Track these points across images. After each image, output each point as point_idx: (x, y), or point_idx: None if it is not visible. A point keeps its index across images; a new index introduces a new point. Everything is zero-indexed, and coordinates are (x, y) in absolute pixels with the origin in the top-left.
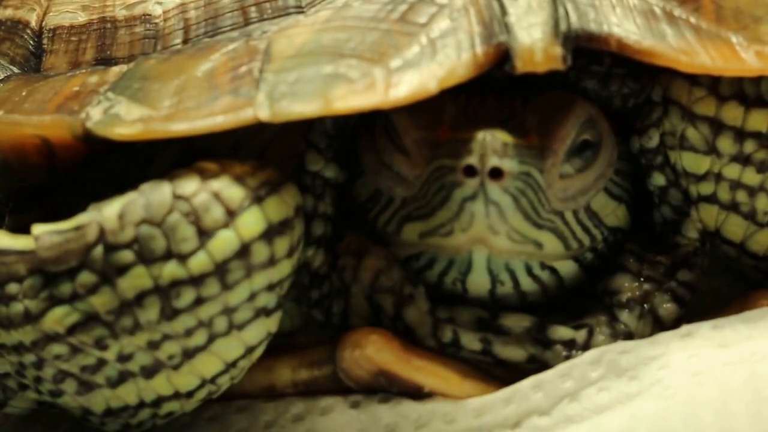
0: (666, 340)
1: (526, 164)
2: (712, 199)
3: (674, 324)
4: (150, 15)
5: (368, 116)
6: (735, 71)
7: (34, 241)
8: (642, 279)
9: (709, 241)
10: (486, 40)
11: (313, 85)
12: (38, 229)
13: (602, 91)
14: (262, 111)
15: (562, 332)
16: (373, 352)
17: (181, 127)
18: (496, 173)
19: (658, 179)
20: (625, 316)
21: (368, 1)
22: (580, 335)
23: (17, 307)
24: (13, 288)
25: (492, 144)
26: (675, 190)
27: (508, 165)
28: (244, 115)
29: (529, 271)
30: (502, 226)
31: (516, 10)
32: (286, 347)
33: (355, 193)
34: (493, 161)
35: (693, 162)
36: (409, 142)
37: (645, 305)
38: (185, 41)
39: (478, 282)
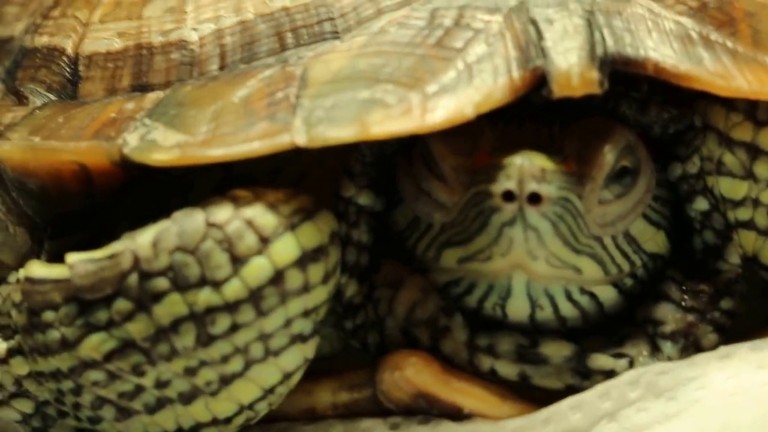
0: (704, 361)
1: (564, 190)
2: (750, 225)
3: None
4: (186, 41)
5: (407, 143)
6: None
7: (68, 269)
8: (686, 309)
9: (748, 267)
10: (522, 65)
11: (350, 110)
12: (73, 257)
13: (641, 118)
14: (298, 136)
15: (603, 362)
16: (413, 374)
17: (218, 152)
18: (535, 198)
19: (701, 204)
20: (669, 348)
21: (404, 27)
22: (621, 365)
23: (54, 335)
24: (49, 316)
25: (530, 169)
26: (717, 214)
27: (547, 190)
28: (281, 141)
29: (569, 296)
30: (541, 252)
31: (552, 34)
32: (325, 371)
33: (394, 220)
34: (532, 186)
35: (730, 187)
36: (446, 168)
37: (689, 337)
38: (221, 67)
39: (518, 307)
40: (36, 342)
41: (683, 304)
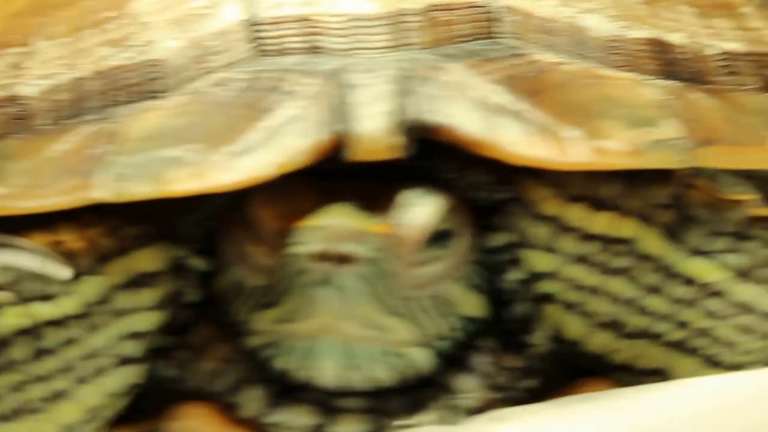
0: (477, 424)
1: (376, 251)
2: (554, 298)
3: None
4: (20, 96)
5: (230, 205)
6: (560, 165)
7: None
8: (490, 386)
9: (555, 339)
10: (328, 128)
11: (153, 168)
12: None
13: (461, 183)
14: (100, 192)
15: None
16: (192, 425)
17: (29, 204)
18: (345, 259)
19: (514, 274)
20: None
21: (225, 88)
22: None
23: None
24: None
25: (340, 230)
26: (529, 286)
27: (356, 251)
28: (85, 196)
29: (380, 356)
30: (350, 312)
31: (361, 99)
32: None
33: (219, 282)
34: (341, 247)
35: (538, 260)
36: (264, 230)
37: (485, 411)
38: (55, 122)
39: (329, 368)
40: None
41: (489, 379)
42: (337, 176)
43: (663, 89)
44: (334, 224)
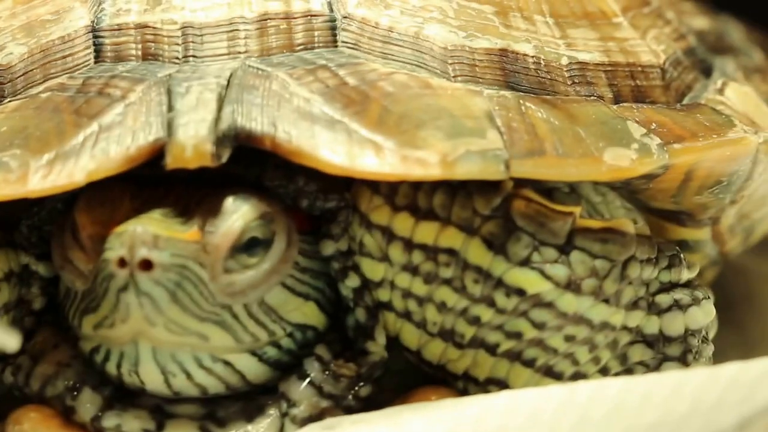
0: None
1: (180, 257)
2: (389, 306)
3: None
4: None
5: (63, 211)
6: (365, 173)
7: None
8: (323, 394)
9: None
10: (144, 136)
11: None
12: None
13: (286, 191)
14: None
15: None
16: (29, 428)
17: None
18: (146, 265)
19: (352, 281)
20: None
21: (58, 93)
22: None
23: None
24: None
25: (141, 236)
26: (368, 294)
27: (158, 257)
28: None
29: (199, 363)
30: (158, 318)
31: (181, 107)
32: None
33: (59, 288)
34: (142, 253)
35: (370, 268)
36: (84, 236)
37: (318, 420)
38: None
39: (150, 374)
40: None
41: (322, 388)
42: (168, 181)
43: (496, 99)
44: (136, 230)
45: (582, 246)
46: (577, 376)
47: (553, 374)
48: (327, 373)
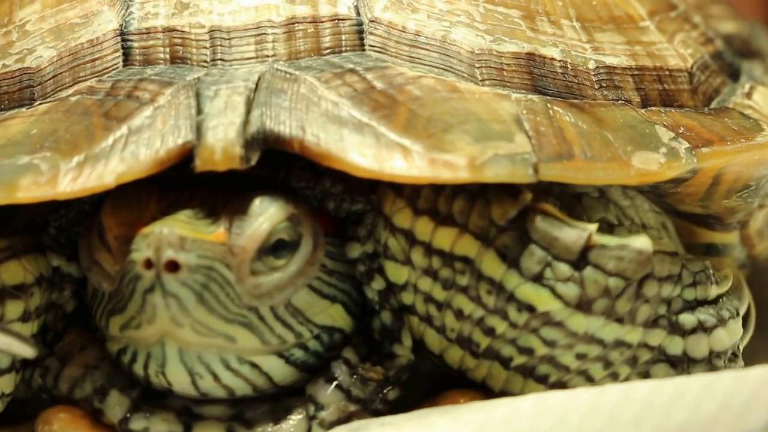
0: None
1: (206, 258)
2: (412, 309)
3: None
4: None
5: (91, 213)
6: (401, 178)
7: None
8: (351, 398)
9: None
10: (174, 139)
11: (6, 175)
12: None
13: (312, 193)
14: None
15: None
16: (58, 428)
17: None
18: (172, 266)
19: (378, 284)
20: None
21: (87, 96)
22: None
23: None
24: None
25: (168, 237)
26: (394, 296)
27: (184, 258)
28: None
29: (226, 364)
30: (184, 319)
31: (210, 110)
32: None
33: (87, 290)
34: (168, 254)
35: (395, 271)
36: (110, 238)
37: (345, 423)
38: None
39: (177, 375)
40: None
41: (350, 391)
42: (194, 184)
43: (524, 103)
44: (163, 232)
45: (596, 263)
46: None
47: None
48: (355, 377)
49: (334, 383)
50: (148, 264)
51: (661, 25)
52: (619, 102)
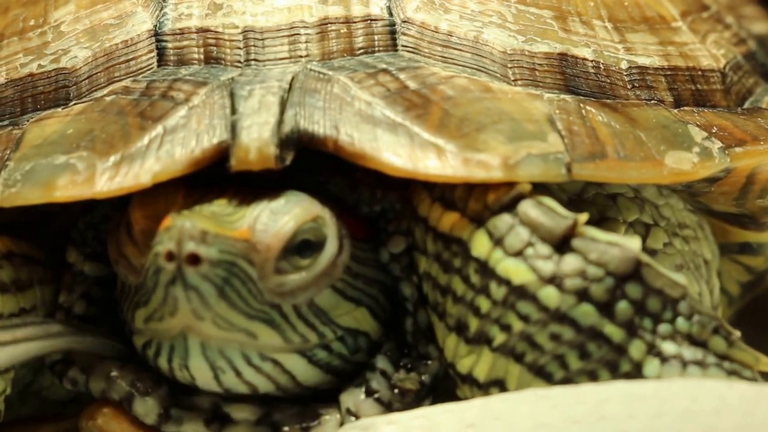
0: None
1: (229, 254)
2: (427, 300)
3: None
4: None
5: (118, 210)
6: (436, 177)
7: None
8: (388, 408)
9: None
10: (209, 139)
11: (43, 174)
12: None
13: (347, 195)
14: None
15: None
16: (102, 423)
17: None
18: (194, 259)
19: (411, 284)
20: None
21: (122, 96)
22: None
23: None
24: None
25: (190, 231)
26: (420, 294)
27: (205, 251)
28: None
29: (248, 360)
30: (205, 312)
31: (244, 109)
32: (51, 415)
33: (113, 286)
34: (189, 247)
35: (420, 263)
36: (137, 231)
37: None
38: None
39: (200, 369)
40: None
41: (390, 404)
42: (223, 180)
43: (557, 103)
44: (185, 225)
45: (578, 249)
46: (565, 381)
47: (546, 375)
48: (395, 390)
49: (371, 393)
50: (170, 256)
51: (694, 26)
52: (652, 102)
